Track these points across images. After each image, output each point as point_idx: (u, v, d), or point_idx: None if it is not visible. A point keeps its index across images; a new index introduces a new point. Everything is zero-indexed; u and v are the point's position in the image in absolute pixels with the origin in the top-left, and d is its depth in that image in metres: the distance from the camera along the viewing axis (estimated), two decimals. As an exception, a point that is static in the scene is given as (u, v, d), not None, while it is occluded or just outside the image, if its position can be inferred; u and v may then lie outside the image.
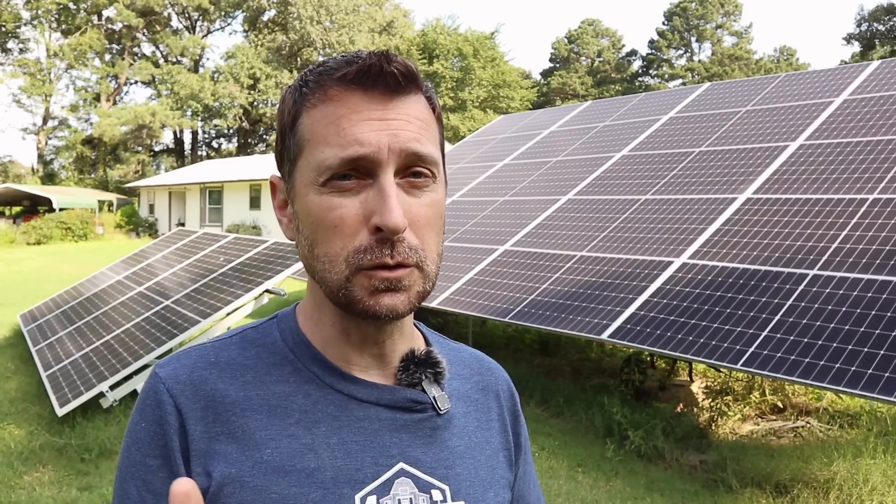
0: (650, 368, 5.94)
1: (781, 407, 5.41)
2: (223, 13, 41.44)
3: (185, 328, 5.52)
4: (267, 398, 0.67)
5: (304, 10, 35.37)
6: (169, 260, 8.13)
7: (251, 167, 24.55)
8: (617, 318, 4.52)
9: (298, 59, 37.99)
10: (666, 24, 44.77)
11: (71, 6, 36.92)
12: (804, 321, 3.78)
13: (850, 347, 3.48)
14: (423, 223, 0.66)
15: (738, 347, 3.80)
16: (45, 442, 4.69)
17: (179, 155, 42.59)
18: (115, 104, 39.41)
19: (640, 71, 46.46)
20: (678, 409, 5.28)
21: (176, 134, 42.32)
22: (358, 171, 0.64)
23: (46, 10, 36.41)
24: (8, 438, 4.78)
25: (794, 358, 3.55)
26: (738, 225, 4.99)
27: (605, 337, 4.39)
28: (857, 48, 37.52)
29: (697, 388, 5.74)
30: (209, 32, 42.89)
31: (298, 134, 0.67)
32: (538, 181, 7.52)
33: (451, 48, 34.34)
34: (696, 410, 5.33)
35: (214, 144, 44.37)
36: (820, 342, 3.59)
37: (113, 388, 5.18)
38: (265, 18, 39.62)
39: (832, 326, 3.66)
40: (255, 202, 22.89)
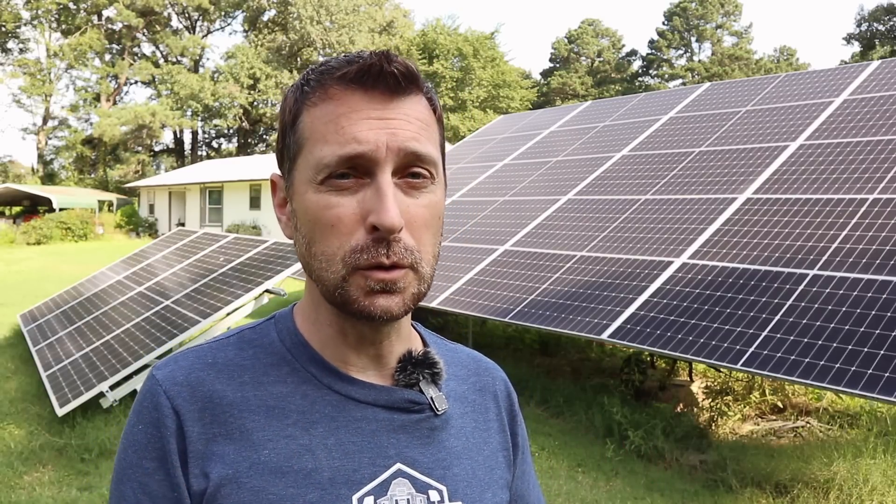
0: (650, 368, 5.94)
1: (781, 407, 5.41)
2: (223, 13, 41.45)
3: (185, 328, 5.52)
4: (264, 399, 0.67)
5: (304, 10, 35.37)
6: (169, 260, 8.13)
7: (251, 167, 24.56)
8: (617, 318, 4.52)
9: (298, 59, 37.99)
10: (666, 24, 44.78)
11: (71, 6, 36.93)
12: (804, 321, 3.78)
13: (850, 347, 3.48)
14: (419, 224, 0.66)
15: (738, 347, 3.80)
16: (45, 442, 4.69)
17: (179, 155, 42.59)
18: (115, 104, 39.42)
19: (640, 71, 46.47)
20: (678, 409, 5.28)
21: (176, 134, 42.34)
22: (356, 169, 0.64)
23: (46, 10, 36.41)
24: (8, 438, 4.78)
25: (794, 358, 3.55)
26: (738, 225, 4.99)
27: (605, 337, 4.39)
28: (857, 48, 37.53)
29: (697, 388, 5.74)
30: (209, 32, 42.92)
31: (298, 132, 0.67)
32: (538, 181, 7.52)
33: (451, 48, 34.33)
34: (696, 410, 5.33)
35: (214, 144, 44.41)
36: (820, 342, 3.59)
37: (113, 388, 5.18)
38: (265, 18, 39.63)
39: (832, 326, 3.66)
40: (255, 202, 22.89)
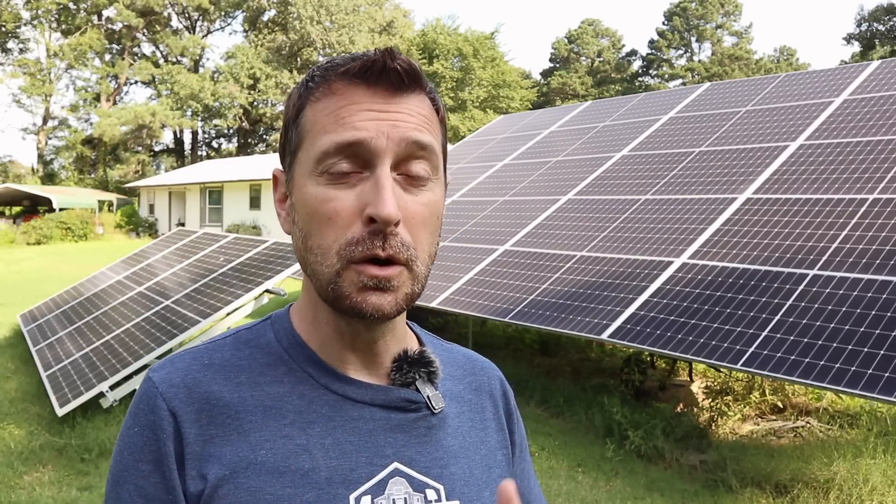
0: (650, 368, 5.94)
1: (781, 407, 5.41)
2: (223, 13, 41.45)
3: (185, 328, 5.52)
4: (261, 399, 0.67)
5: (304, 10, 35.36)
6: (169, 260, 8.13)
7: (251, 167, 24.55)
8: (617, 318, 4.52)
9: (298, 59, 37.99)
10: (666, 24, 44.78)
11: (71, 6, 36.92)
12: (804, 321, 3.78)
13: (850, 347, 3.48)
14: (417, 221, 0.65)
15: (738, 347, 3.80)
16: (45, 442, 4.69)
17: (179, 155, 42.59)
18: (115, 104, 39.41)
19: (640, 71, 46.46)
20: (678, 409, 5.28)
21: (176, 134, 42.34)
22: (356, 158, 0.64)
23: (46, 10, 36.41)
24: (8, 438, 4.78)
25: (794, 358, 3.55)
26: (738, 225, 4.99)
27: (605, 337, 4.39)
28: (857, 48, 37.52)
29: (697, 388, 5.74)
30: (209, 32, 42.91)
31: (300, 126, 0.67)
32: (538, 181, 7.52)
33: (451, 48, 34.32)
34: (696, 410, 5.33)
35: (214, 144, 44.40)
36: (820, 342, 3.59)
37: (113, 388, 5.18)
38: (265, 18, 39.62)
39: (832, 326, 3.66)
40: (255, 202, 22.88)
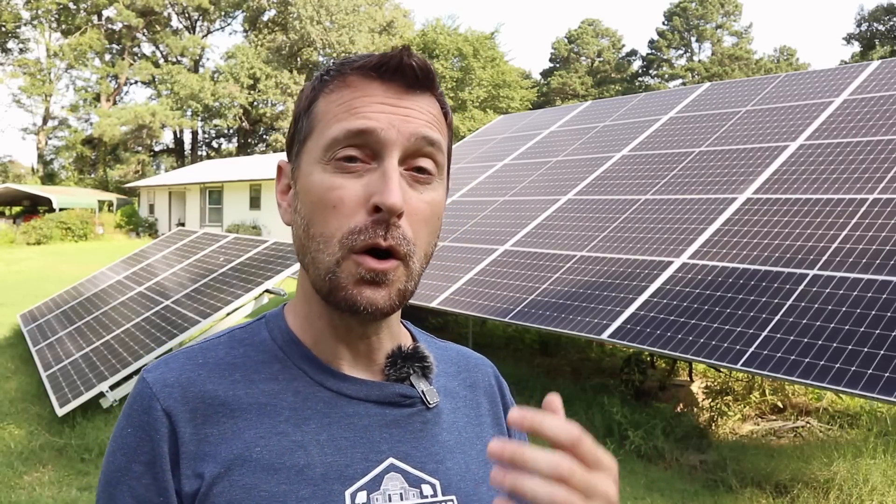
0: (650, 368, 5.94)
1: (781, 407, 5.41)
2: (223, 13, 41.45)
3: (185, 328, 5.52)
4: (256, 396, 0.67)
5: (304, 10, 35.37)
6: (169, 260, 8.13)
7: (251, 167, 24.55)
8: (617, 318, 4.52)
9: (298, 59, 37.99)
10: (666, 24, 44.77)
11: (71, 6, 36.93)
12: (804, 321, 3.78)
13: (850, 347, 3.48)
14: (419, 217, 0.66)
15: (738, 347, 3.80)
16: (45, 442, 4.69)
17: (179, 155, 42.59)
18: (115, 104, 39.42)
19: (640, 71, 46.45)
20: (678, 409, 5.28)
21: (176, 134, 42.34)
22: (365, 147, 0.65)
23: (46, 10, 36.41)
24: (8, 438, 4.78)
25: (794, 358, 3.55)
26: (738, 225, 4.99)
27: (605, 337, 4.40)
28: (857, 48, 37.51)
29: (697, 388, 5.74)
30: (209, 32, 42.92)
31: (312, 115, 0.68)
32: (538, 181, 7.52)
33: (450, 48, 34.29)
34: (696, 410, 5.33)
35: (214, 144, 44.41)
36: (820, 342, 3.59)
37: (113, 388, 5.18)
38: (265, 18, 39.62)
39: (832, 326, 3.66)
40: (255, 202, 22.88)
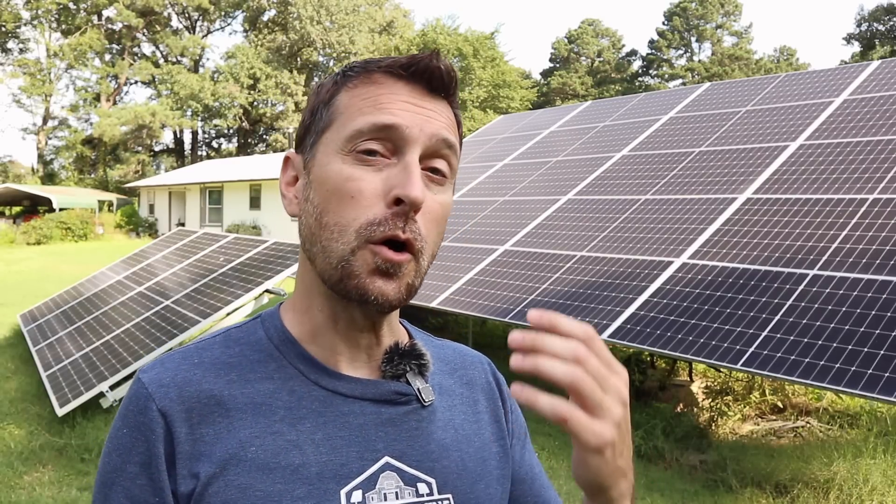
0: (650, 368, 5.95)
1: (781, 407, 5.42)
2: (223, 13, 41.47)
3: (185, 328, 5.52)
4: (251, 396, 0.67)
5: (304, 10, 35.38)
6: (169, 260, 8.13)
7: (251, 167, 24.57)
8: (617, 318, 4.52)
9: (298, 59, 38.00)
10: (666, 24, 44.77)
11: (71, 6, 36.93)
12: (804, 321, 3.78)
13: (850, 347, 3.48)
14: (431, 217, 0.67)
15: (738, 347, 3.80)
16: (45, 442, 4.69)
17: (179, 155, 42.60)
18: (115, 104, 39.42)
19: (640, 71, 46.45)
20: (678, 409, 5.28)
21: (176, 134, 42.35)
22: (388, 142, 0.66)
23: (46, 10, 36.42)
24: (8, 438, 4.78)
25: (794, 358, 3.55)
26: (738, 225, 4.99)
27: (605, 337, 4.39)
28: (857, 48, 37.51)
29: (697, 388, 5.74)
30: (209, 32, 42.92)
31: (333, 107, 0.69)
32: (538, 181, 7.52)
33: (450, 48, 34.30)
34: (696, 410, 5.33)
35: (214, 144, 44.42)
36: (820, 342, 3.59)
37: (113, 388, 5.18)
38: (265, 18, 39.63)
39: (832, 326, 3.66)
40: (255, 202, 22.89)
